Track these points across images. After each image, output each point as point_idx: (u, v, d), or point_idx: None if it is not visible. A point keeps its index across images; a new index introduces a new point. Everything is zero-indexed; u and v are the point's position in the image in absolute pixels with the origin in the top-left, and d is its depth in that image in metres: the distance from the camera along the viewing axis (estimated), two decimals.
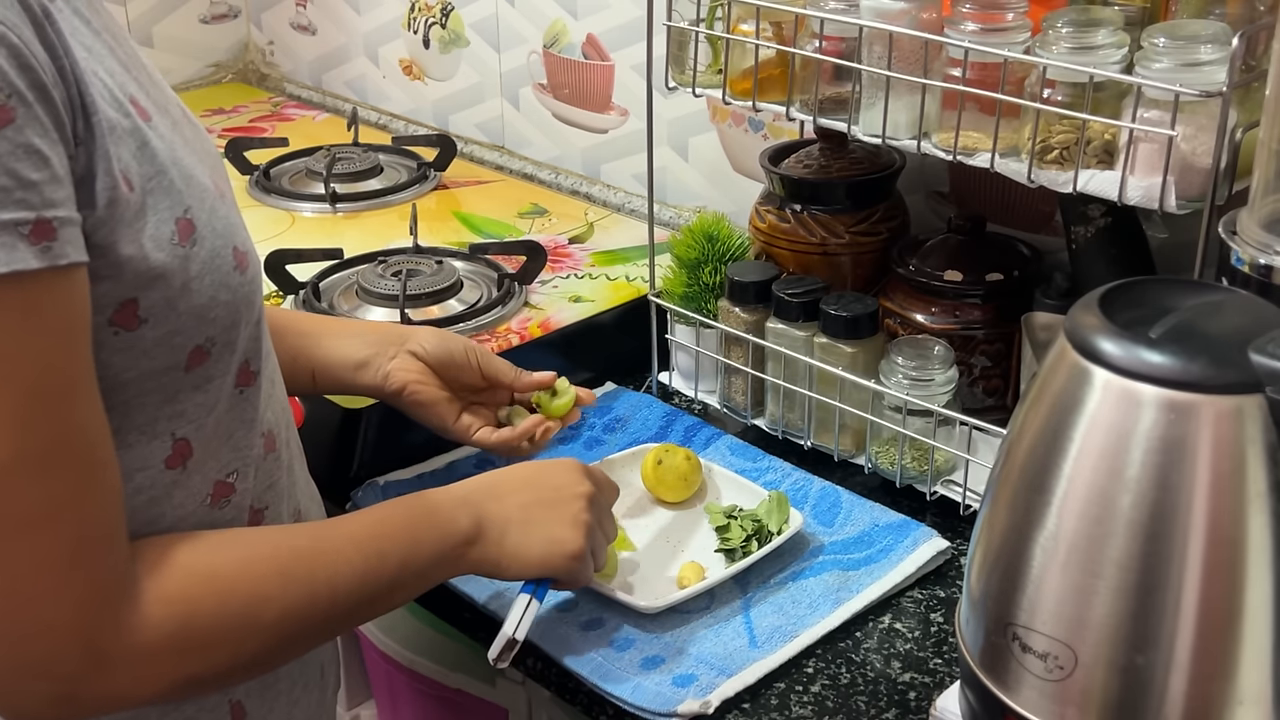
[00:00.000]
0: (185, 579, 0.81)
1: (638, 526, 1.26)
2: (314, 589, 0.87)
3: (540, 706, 1.24)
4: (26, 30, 0.72)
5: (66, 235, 0.73)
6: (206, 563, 0.83)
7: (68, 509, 0.75)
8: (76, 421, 0.75)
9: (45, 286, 0.72)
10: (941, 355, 1.24)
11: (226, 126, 2.16)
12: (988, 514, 0.87)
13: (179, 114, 0.89)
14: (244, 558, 0.85)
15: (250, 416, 0.90)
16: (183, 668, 0.81)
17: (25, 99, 0.71)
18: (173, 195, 0.80)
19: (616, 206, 1.85)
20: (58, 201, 0.72)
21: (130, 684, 0.79)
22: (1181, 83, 0.99)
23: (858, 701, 1.05)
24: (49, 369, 0.74)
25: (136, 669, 0.79)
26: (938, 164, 1.31)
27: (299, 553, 0.88)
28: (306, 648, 0.93)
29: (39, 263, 0.71)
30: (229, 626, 0.83)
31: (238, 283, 0.85)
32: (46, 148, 0.72)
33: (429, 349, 1.17)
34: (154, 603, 0.79)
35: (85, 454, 0.76)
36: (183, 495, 0.86)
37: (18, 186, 0.70)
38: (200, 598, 0.81)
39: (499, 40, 1.97)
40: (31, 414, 0.73)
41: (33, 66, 0.71)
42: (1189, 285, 0.87)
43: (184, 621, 0.80)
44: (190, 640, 0.80)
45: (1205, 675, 0.78)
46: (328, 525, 0.96)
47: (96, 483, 0.77)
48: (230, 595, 0.83)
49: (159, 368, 0.81)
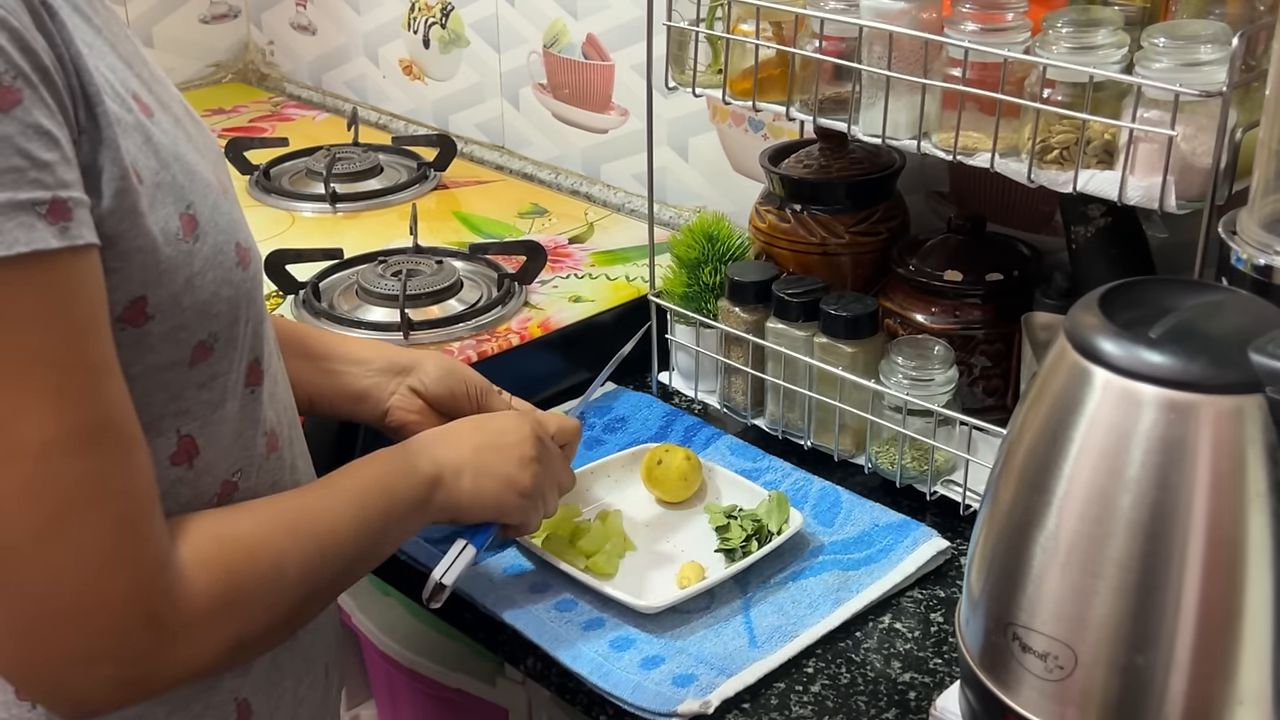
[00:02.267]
0: (218, 544, 0.82)
1: (638, 526, 1.26)
2: (320, 542, 0.89)
3: (540, 706, 1.24)
4: (25, 16, 0.72)
5: (80, 216, 0.73)
6: (230, 526, 0.85)
7: (112, 484, 0.75)
8: (111, 397, 0.76)
9: (66, 266, 0.73)
10: (941, 355, 1.24)
11: (226, 126, 2.16)
12: (988, 514, 0.87)
13: (181, 110, 0.89)
14: (256, 521, 0.87)
15: (257, 416, 0.91)
16: (231, 630, 0.82)
17: (30, 80, 0.71)
18: (176, 191, 0.81)
19: (616, 206, 1.85)
20: (70, 182, 0.73)
21: (189, 654, 0.80)
22: (1181, 83, 0.99)
23: (858, 701, 1.05)
24: (81, 348, 0.74)
25: (193, 638, 0.80)
26: (938, 164, 1.31)
27: (301, 510, 0.91)
28: (320, 606, 0.94)
29: (58, 242, 0.72)
30: (262, 585, 0.84)
31: (240, 278, 0.85)
32: (54, 129, 0.72)
33: (429, 386, 1.17)
34: (197, 568, 0.80)
35: (124, 429, 0.76)
36: (189, 494, 0.86)
37: (31, 166, 0.70)
38: (235, 560, 0.83)
39: (499, 40, 1.97)
40: (70, 393, 0.73)
41: (34, 49, 0.71)
42: (1189, 285, 0.87)
43: (226, 584, 0.81)
44: (233, 603, 0.82)
45: (1205, 675, 0.78)
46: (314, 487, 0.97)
47: (135, 458, 0.77)
48: (260, 554, 0.85)
49: (164, 363, 0.82)
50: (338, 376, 1.16)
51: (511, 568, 1.20)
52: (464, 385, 1.18)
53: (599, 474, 1.30)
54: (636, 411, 1.42)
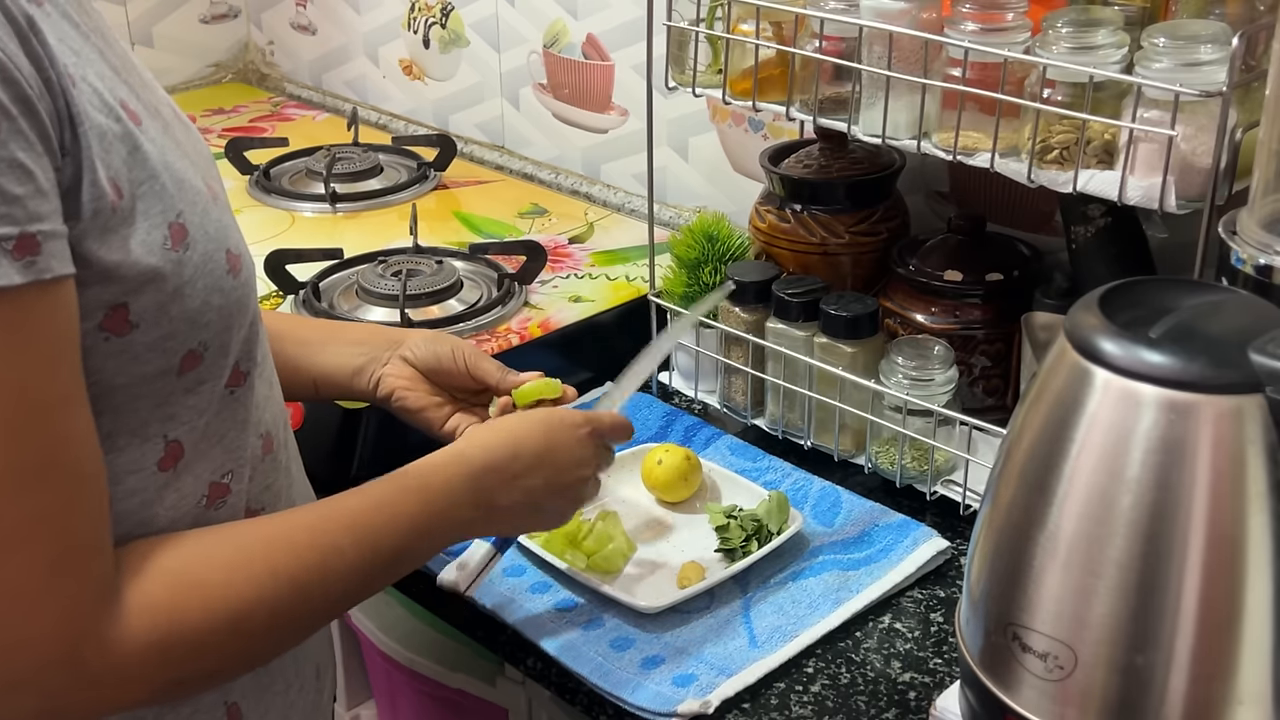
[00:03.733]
0: (170, 586, 0.80)
1: (638, 526, 1.26)
2: (307, 585, 0.86)
3: (540, 706, 1.24)
4: (11, 44, 0.71)
5: (51, 249, 0.72)
6: (192, 568, 0.82)
7: (52, 523, 0.75)
8: (63, 435, 0.75)
9: (30, 301, 0.72)
10: (941, 355, 1.24)
11: (226, 126, 2.16)
12: (988, 514, 0.87)
13: (170, 116, 0.88)
14: (232, 561, 0.84)
15: (242, 417, 0.90)
16: (167, 673, 0.80)
17: (9, 113, 0.70)
18: (165, 200, 0.80)
19: (616, 206, 1.85)
20: (43, 215, 0.72)
21: (114, 694, 0.79)
22: (1181, 83, 0.99)
23: (858, 701, 1.05)
24: (35, 384, 0.73)
25: (120, 679, 0.78)
26: (938, 164, 1.31)
27: (292, 548, 0.87)
28: (297, 641, 0.93)
29: (22, 278, 0.71)
30: (215, 631, 0.82)
31: (230, 286, 0.84)
32: (30, 161, 0.71)
33: (417, 354, 1.17)
34: (137, 611, 0.78)
35: (72, 468, 0.76)
36: (175, 497, 0.85)
37: (1, 202, 0.70)
38: (185, 605, 0.81)
39: (499, 40, 1.97)
40: (17, 429, 0.73)
41: (16, 80, 0.71)
42: (1189, 285, 0.86)
43: (168, 629, 0.79)
44: (175, 647, 0.80)
45: (1205, 675, 0.78)
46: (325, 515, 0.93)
47: (82, 496, 0.76)
48: (218, 600, 0.82)
49: (151, 372, 0.81)
50: (335, 356, 1.16)
51: (511, 568, 1.20)
52: (449, 351, 1.17)
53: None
54: (636, 411, 1.42)
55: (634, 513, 1.28)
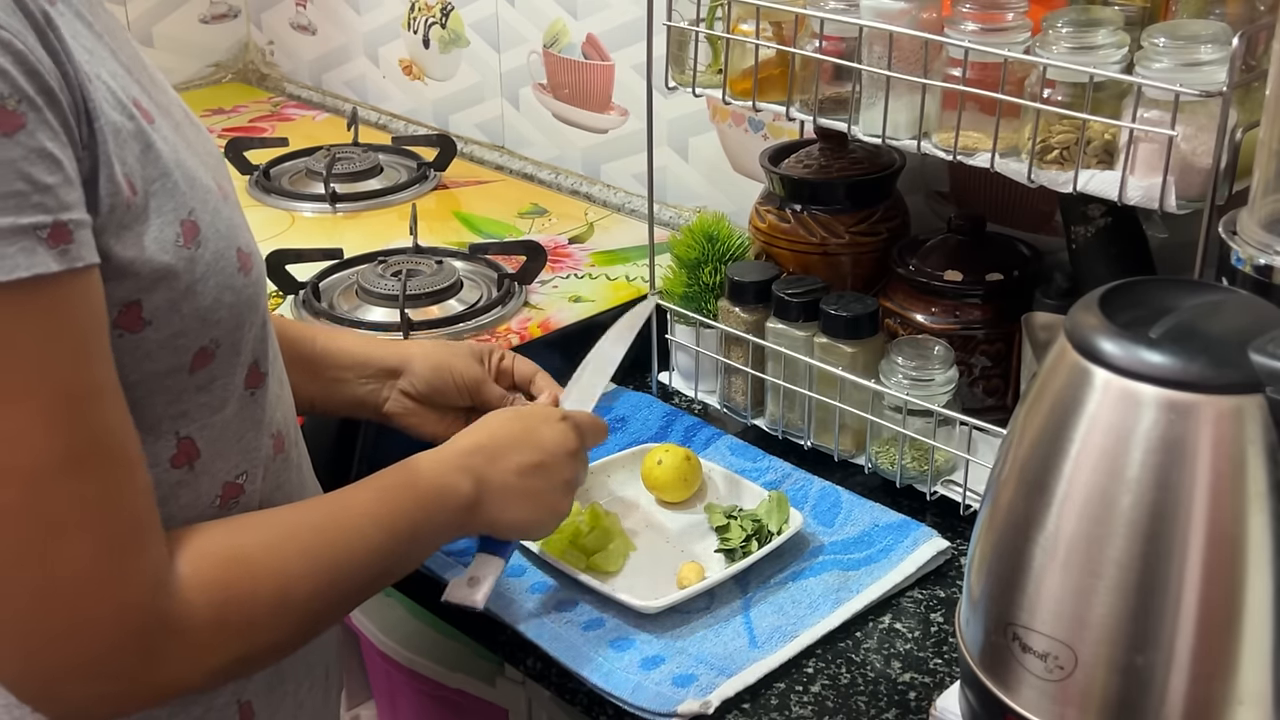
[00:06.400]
0: (219, 564, 0.82)
1: (638, 526, 1.26)
2: (337, 565, 0.89)
3: (540, 706, 1.24)
4: (30, 36, 0.72)
5: (82, 237, 0.73)
6: (236, 546, 0.84)
7: (106, 506, 0.76)
8: (106, 421, 0.76)
9: (65, 289, 0.73)
10: (941, 355, 1.24)
11: (226, 126, 2.16)
12: (988, 514, 0.87)
13: (181, 115, 0.89)
14: (267, 540, 0.86)
15: (259, 418, 0.90)
16: (228, 650, 0.82)
17: (35, 103, 0.71)
18: (176, 197, 0.81)
19: (616, 206, 1.85)
20: (71, 204, 0.73)
21: (180, 672, 0.80)
22: (1181, 83, 0.99)
23: (858, 701, 1.05)
24: (76, 371, 0.74)
25: (185, 657, 0.80)
26: (938, 164, 1.31)
27: (319, 530, 0.90)
28: (331, 622, 0.95)
29: (59, 265, 0.72)
30: (265, 606, 0.84)
31: (241, 284, 0.85)
32: (58, 150, 0.72)
33: (418, 388, 1.19)
34: (193, 590, 0.80)
35: (118, 452, 0.77)
36: (190, 496, 0.86)
37: (34, 190, 0.71)
38: (235, 581, 0.82)
39: (499, 40, 1.97)
40: (63, 417, 0.73)
41: (39, 71, 0.72)
42: (1189, 285, 0.86)
43: (223, 605, 0.81)
44: (231, 623, 0.82)
45: (1205, 675, 0.78)
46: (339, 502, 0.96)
47: (132, 479, 0.77)
48: (264, 576, 0.84)
49: (163, 369, 0.82)
50: (333, 384, 1.18)
51: (511, 568, 1.19)
52: (452, 383, 1.19)
53: (599, 474, 1.30)
54: (636, 411, 1.42)
55: (634, 513, 1.28)
